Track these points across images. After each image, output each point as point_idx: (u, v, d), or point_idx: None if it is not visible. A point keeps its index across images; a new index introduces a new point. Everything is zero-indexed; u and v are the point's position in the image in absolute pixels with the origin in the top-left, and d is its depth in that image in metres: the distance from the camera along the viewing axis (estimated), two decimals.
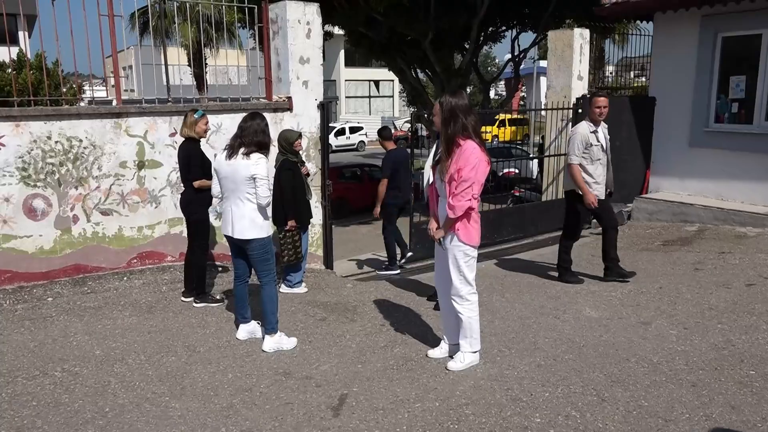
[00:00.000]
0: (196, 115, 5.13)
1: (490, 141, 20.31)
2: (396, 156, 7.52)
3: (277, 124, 6.55)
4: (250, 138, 4.11)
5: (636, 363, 3.94)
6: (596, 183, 5.77)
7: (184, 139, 5.20)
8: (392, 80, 41.24)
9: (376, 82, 43.33)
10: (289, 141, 5.63)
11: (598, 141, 5.73)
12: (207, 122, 5.23)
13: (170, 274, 6.00)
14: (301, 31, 6.54)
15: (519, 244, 8.57)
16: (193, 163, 5.08)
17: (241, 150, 4.11)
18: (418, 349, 4.26)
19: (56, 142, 5.47)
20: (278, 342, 4.30)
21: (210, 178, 4.71)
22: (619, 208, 9.28)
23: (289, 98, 6.60)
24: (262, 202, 4.14)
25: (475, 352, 3.93)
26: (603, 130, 5.84)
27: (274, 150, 6.44)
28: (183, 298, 5.39)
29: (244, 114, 4.34)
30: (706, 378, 3.68)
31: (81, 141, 5.58)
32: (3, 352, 4.25)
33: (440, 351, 4.09)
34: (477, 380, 3.74)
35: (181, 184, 5.97)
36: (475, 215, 3.69)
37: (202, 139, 5.28)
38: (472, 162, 3.54)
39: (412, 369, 3.95)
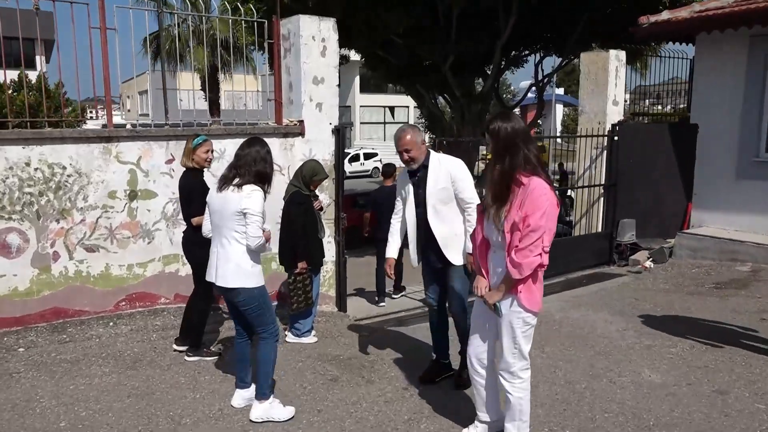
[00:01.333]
0: (194, 142, 4.48)
1: None
2: (377, 195, 7.79)
3: (287, 150, 5.90)
4: (247, 168, 3.43)
5: None
6: None
7: (184, 169, 4.54)
8: (407, 106, 40.84)
9: (391, 108, 42.98)
10: (313, 175, 4.93)
11: None
12: (209, 150, 4.56)
13: (163, 318, 5.29)
14: (316, 48, 5.92)
15: (549, 282, 7.79)
16: (194, 197, 4.39)
17: (236, 181, 3.43)
18: (450, 426, 3.49)
19: (36, 169, 4.83)
20: (269, 411, 3.56)
21: None
22: (660, 244, 8.51)
23: (301, 122, 5.96)
24: (251, 244, 3.41)
25: None
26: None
27: (282, 179, 5.80)
28: (175, 346, 4.68)
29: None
30: None
31: (65, 168, 4.93)
32: None
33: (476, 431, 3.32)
34: None
35: (179, 218, 5.33)
36: (540, 274, 2.92)
37: (205, 169, 4.62)
38: (542, 206, 2.77)
39: None
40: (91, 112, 8.90)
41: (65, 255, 5.02)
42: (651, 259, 8.10)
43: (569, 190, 14.10)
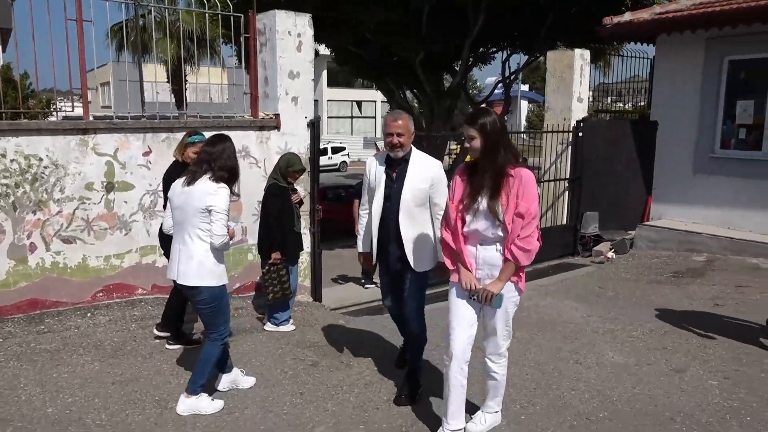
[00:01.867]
0: (191, 139, 4.53)
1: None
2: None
3: (263, 143, 5.99)
4: (223, 162, 3.43)
5: (682, 424, 3.41)
6: None
7: (173, 160, 4.61)
8: (375, 101, 41.00)
9: (359, 103, 43.06)
10: (288, 166, 5.02)
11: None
12: (197, 151, 4.64)
13: (141, 309, 5.34)
14: (292, 43, 6.02)
15: None
16: None
17: (207, 176, 3.42)
18: (427, 405, 3.67)
19: (12, 160, 4.83)
20: (196, 404, 3.56)
21: None
22: (621, 236, 8.88)
23: (277, 115, 6.05)
24: (215, 242, 3.38)
25: (497, 411, 3.36)
26: None
27: (258, 171, 5.89)
28: (156, 331, 4.75)
29: (227, 132, 3.76)
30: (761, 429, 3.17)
31: (41, 160, 4.94)
32: None
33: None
34: None
35: (156, 209, 5.39)
36: None
37: None
38: (535, 195, 2.93)
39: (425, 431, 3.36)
40: (55, 104, 8.77)
41: (42, 246, 5.03)
42: (613, 250, 8.46)
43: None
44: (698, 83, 8.42)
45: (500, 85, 15.40)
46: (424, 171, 3.62)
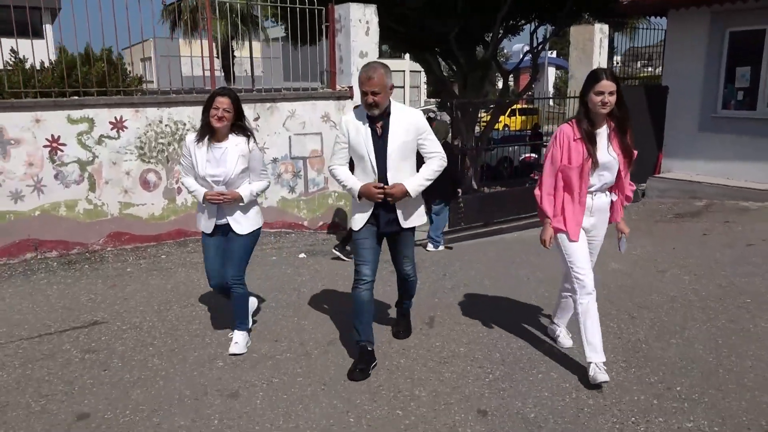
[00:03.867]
0: None
1: (500, 129, 21.21)
2: None
3: (340, 110, 7.57)
4: None
5: (657, 296, 4.96)
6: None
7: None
8: (403, 71, 42.11)
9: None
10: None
11: None
12: None
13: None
14: (362, 29, 7.55)
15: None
16: None
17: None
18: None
19: (165, 125, 6.52)
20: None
21: None
22: (635, 186, 10.27)
23: (350, 88, 7.61)
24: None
25: None
26: None
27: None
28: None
29: (313, 101, 5.26)
30: (712, 304, 4.71)
31: (185, 124, 6.61)
32: (150, 292, 5.30)
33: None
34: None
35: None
36: None
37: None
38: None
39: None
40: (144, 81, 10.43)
41: (185, 190, 6.73)
42: None
43: None
44: (703, 52, 9.69)
45: (529, 55, 16.61)
46: (407, 122, 3.54)
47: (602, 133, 3.36)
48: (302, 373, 3.65)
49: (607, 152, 3.36)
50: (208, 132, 3.74)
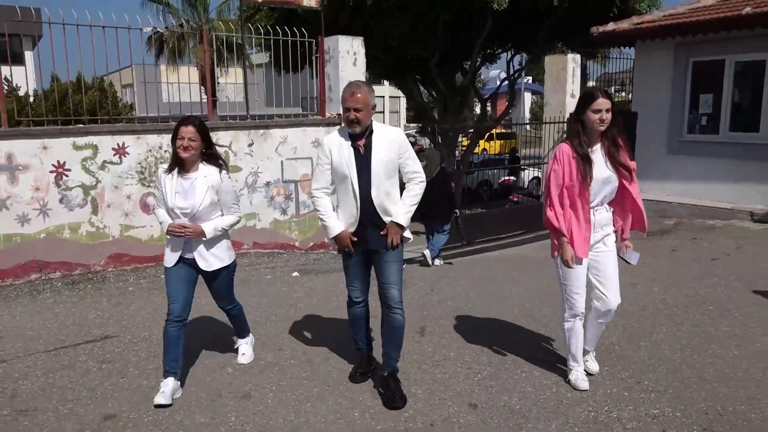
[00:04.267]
0: None
1: (479, 154, 21.83)
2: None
3: None
4: None
5: (628, 305, 5.37)
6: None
7: None
8: (383, 96, 42.97)
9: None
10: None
11: None
12: None
13: (248, 258, 7.35)
14: (350, 60, 8.01)
15: (524, 237, 10.08)
16: None
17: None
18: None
19: (165, 150, 6.85)
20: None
21: None
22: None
23: (339, 115, 8.03)
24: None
25: None
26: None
27: None
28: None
29: (303, 128, 5.69)
30: (678, 312, 5.15)
31: None
32: (154, 308, 5.58)
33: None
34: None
35: (256, 185, 7.41)
36: None
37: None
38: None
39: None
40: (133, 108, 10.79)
41: None
42: None
43: (537, 170, 16.48)
44: (669, 80, 10.35)
45: (506, 81, 17.29)
46: (389, 140, 3.52)
47: (597, 150, 3.49)
48: (307, 377, 3.98)
49: (606, 167, 3.47)
50: (178, 163, 3.62)
